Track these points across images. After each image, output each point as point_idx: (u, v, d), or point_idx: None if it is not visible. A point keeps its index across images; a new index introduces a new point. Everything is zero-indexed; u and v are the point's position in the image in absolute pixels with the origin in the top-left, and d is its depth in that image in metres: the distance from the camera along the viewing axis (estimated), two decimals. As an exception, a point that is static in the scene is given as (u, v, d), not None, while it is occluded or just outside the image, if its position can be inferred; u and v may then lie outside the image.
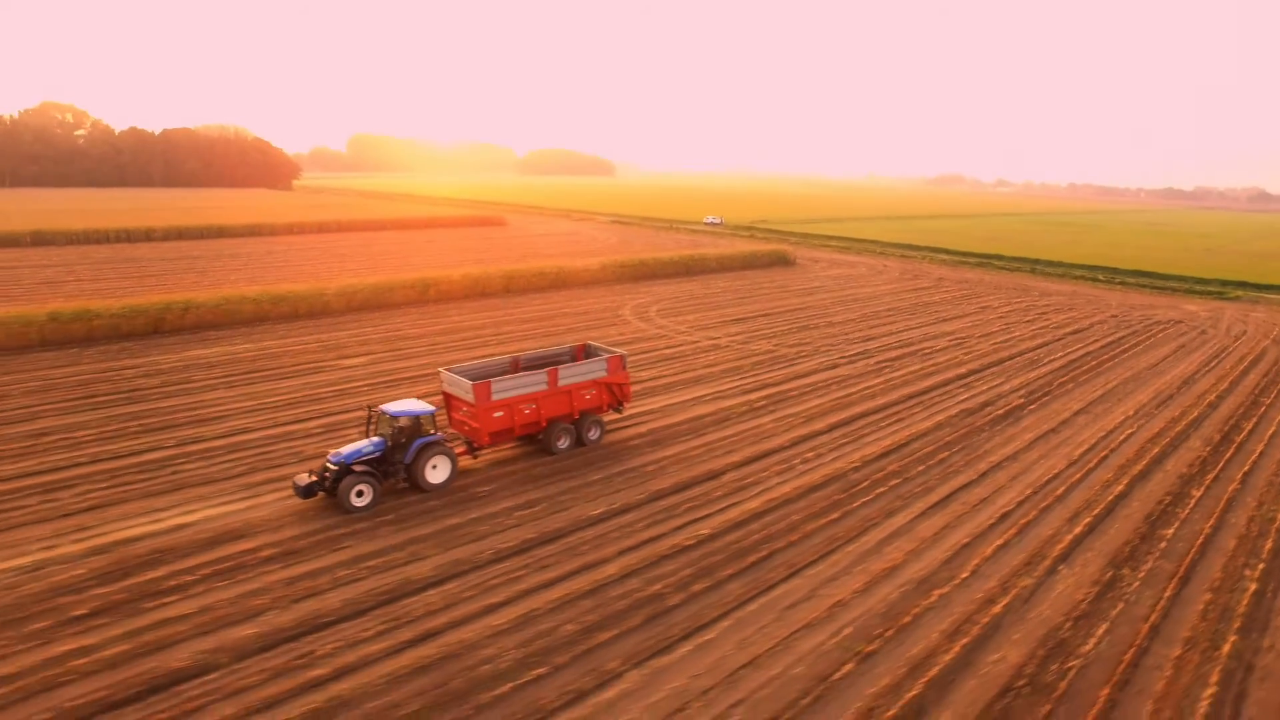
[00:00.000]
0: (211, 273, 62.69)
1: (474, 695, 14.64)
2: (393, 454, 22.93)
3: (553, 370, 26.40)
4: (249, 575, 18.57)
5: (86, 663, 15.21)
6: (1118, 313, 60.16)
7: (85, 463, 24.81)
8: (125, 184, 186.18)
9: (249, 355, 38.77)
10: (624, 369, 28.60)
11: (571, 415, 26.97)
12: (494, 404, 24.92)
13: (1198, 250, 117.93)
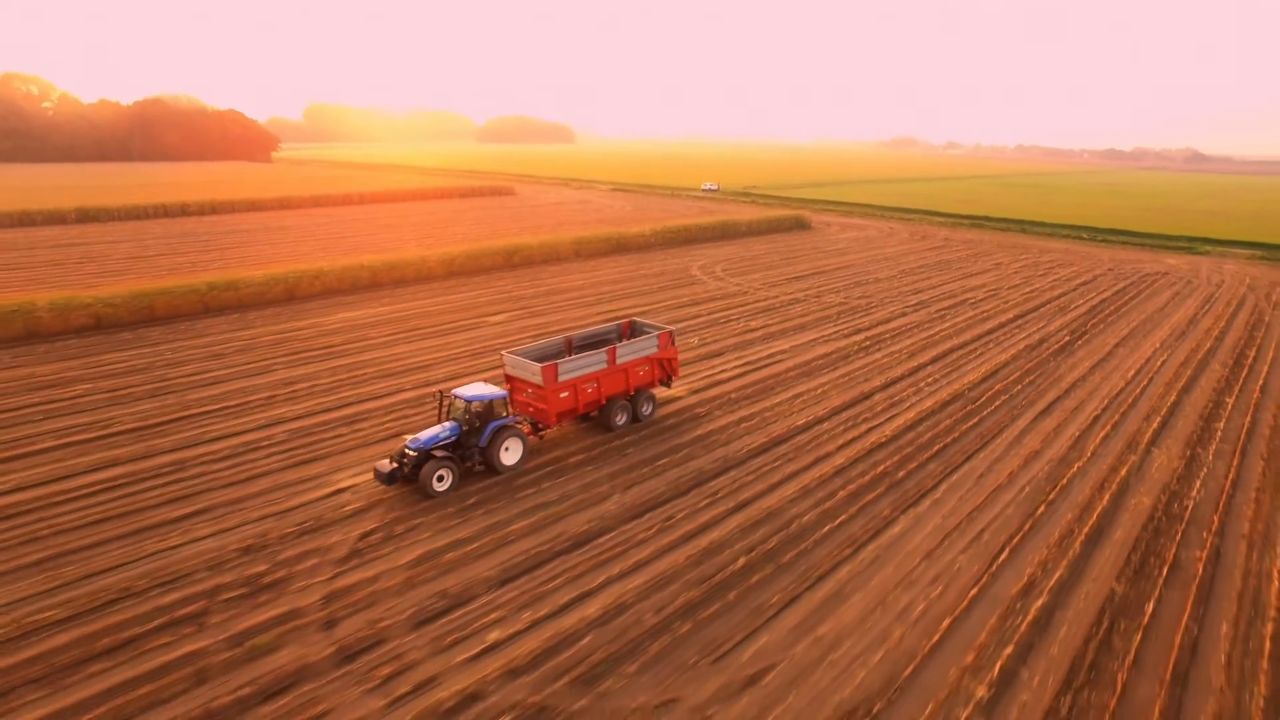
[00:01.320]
0: (279, 244, 66.89)
1: (792, 546, 21.25)
2: (468, 438, 23.32)
3: (612, 349, 27.29)
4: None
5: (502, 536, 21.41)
6: (1112, 267, 68.38)
7: (352, 403, 30.47)
8: (104, 158, 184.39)
9: (398, 315, 44.21)
10: (673, 344, 29.59)
11: (628, 392, 27.81)
12: (560, 385, 25.59)
13: (1156, 210, 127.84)
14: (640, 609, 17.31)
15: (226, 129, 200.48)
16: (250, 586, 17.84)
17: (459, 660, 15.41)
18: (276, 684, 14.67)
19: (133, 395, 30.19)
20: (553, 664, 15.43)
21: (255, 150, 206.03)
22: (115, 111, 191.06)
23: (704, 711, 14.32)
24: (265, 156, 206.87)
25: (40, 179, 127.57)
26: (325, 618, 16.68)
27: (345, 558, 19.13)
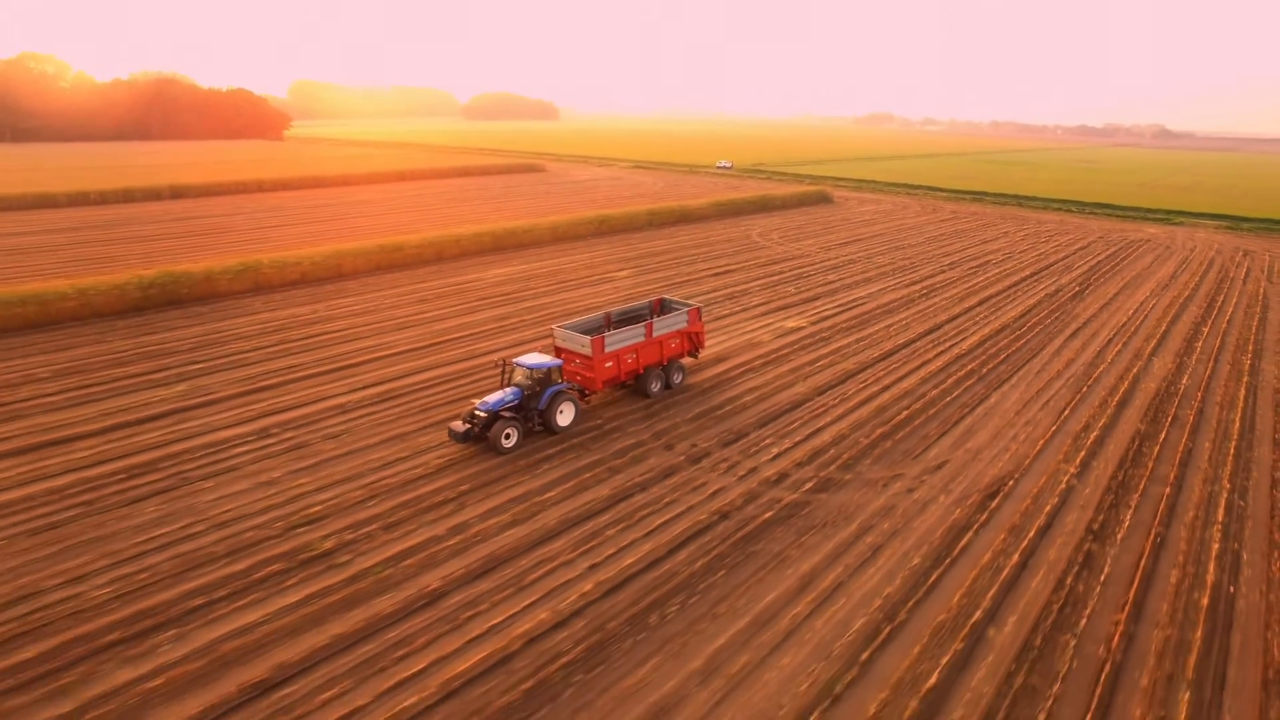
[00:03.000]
0: (376, 216, 75.97)
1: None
2: (528, 401, 26.34)
3: (649, 323, 30.32)
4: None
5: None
6: (1101, 235, 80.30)
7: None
8: (124, 138, 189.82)
9: (540, 272, 54.25)
10: (700, 320, 32.88)
11: (661, 362, 30.94)
12: (606, 355, 28.64)
13: (1132, 185, 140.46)
14: (856, 436, 28.37)
15: (241, 108, 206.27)
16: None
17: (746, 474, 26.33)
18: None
19: (362, 332, 40.25)
20: (822, 458, 26.39)
21: (268, 129, 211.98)
22: (130, 90, 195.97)
23: (915, 480, 25.42)
24: (278, 135, 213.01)
25: (90, 158, 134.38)
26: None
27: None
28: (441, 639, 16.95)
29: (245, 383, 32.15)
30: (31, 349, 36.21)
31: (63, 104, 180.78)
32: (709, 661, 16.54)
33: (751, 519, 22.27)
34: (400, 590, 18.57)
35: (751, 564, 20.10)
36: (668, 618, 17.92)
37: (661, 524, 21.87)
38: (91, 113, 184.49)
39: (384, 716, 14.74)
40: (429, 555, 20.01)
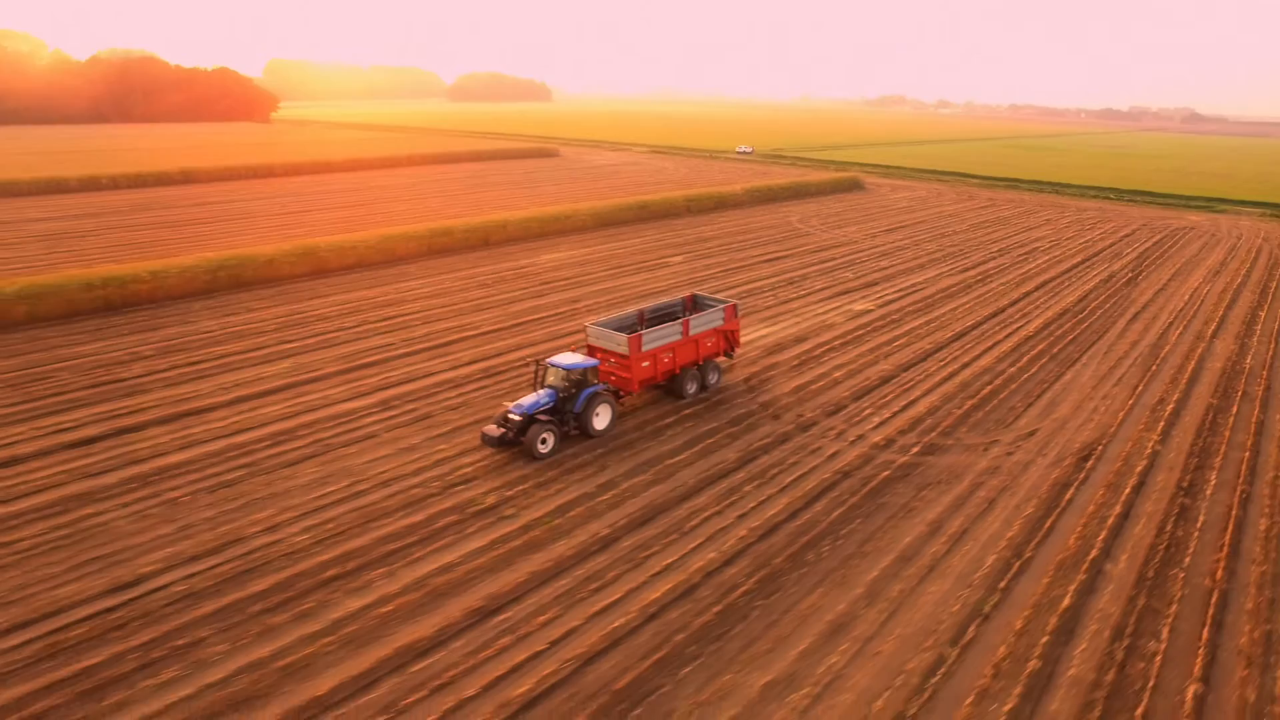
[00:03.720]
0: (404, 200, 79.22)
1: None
2: (563, 404, 26.56)
3: (686, 320, 30.68)
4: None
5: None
6: (1145, 223, 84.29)
7: None
8: (104, 119, 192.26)
9: (593, 257, 57.77)
10: (736, 317, 33.07)
11: (697, 361, 31.33)
12: (643, 354, 28.90)
13: (1166, 172, 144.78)
14: (948, 407, 32.03)
15: (226, 89, 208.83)
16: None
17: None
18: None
19: (440, 314, 43.67)
20: (921, 426, 30.00)
21: (253, 111, 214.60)
22: (110, 70, 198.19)
23: (1011, 445, 29.06)
24: (264, 117, 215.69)
25: (76, 141, 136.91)
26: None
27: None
28: (627, 574, 20.49)
29: (346, 360, 35.60)
30: (123, 329, 39.58)
31: (42, 84, 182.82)
32: (869, 589, 20.15)
33: (872, 477, 25.89)
34: (573, 537, 22.12)
35: (882, 514, 23.72)
36: (822, 556, 21.53)
37: (791, 481, 25.47)
38: (72, 93, 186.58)
39: (599, 634, 18.25)
40: (588, 508, 23.58)
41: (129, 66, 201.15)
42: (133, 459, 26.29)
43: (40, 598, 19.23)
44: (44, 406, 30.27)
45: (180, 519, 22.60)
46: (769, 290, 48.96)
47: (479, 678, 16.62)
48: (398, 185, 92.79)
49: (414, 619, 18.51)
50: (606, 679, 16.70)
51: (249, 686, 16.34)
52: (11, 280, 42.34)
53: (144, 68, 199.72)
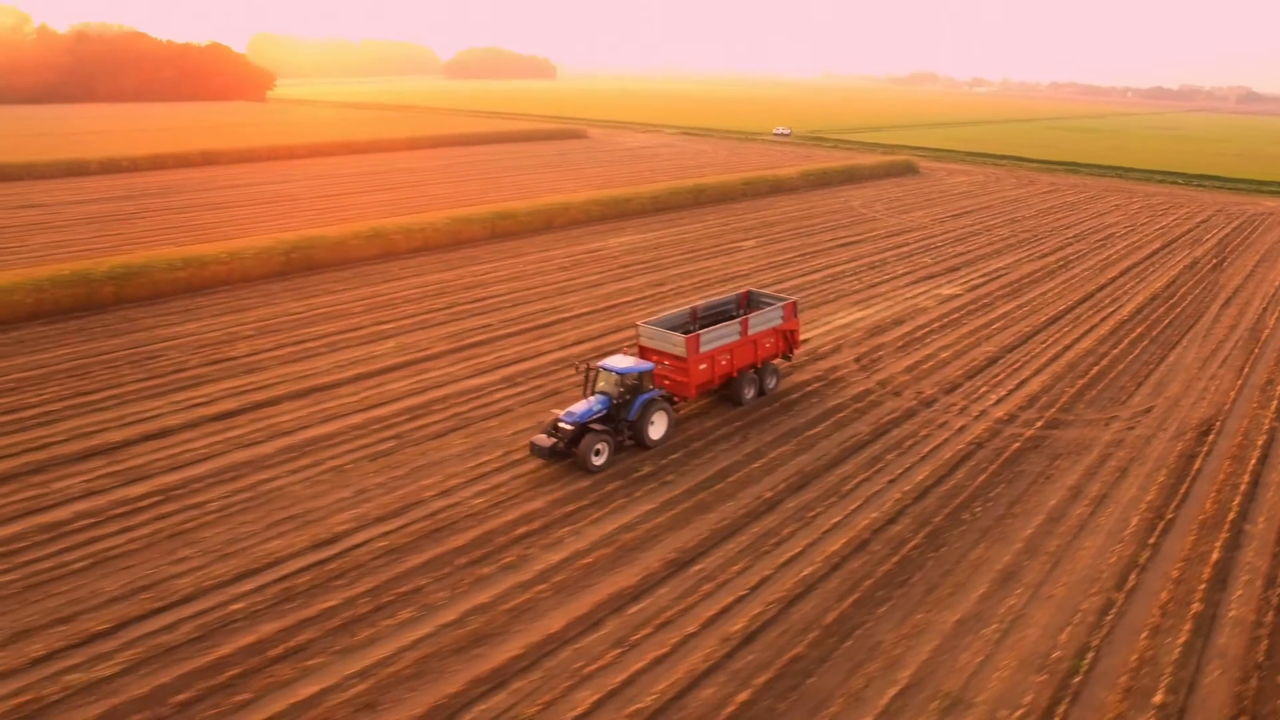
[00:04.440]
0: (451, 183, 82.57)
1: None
2: (617, 411, 26.42)
3: (745, 319, 30.63)
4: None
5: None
6: (1219, 209, 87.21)
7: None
8: (94, 99, 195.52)
9: (662, 241, 60.86)
10: (796, 316, 33.12)
11: (755, 364, 31.21)
12: (701, 356, 28.70)
13: (1229, 155, 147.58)
14: (1060, 386, 35.04)
15: (219, 66, 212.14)
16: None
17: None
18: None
19: (527, 296, 46.77)
20: (1039, 403, 33.08)
21: (249, 89, 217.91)
22: (100, 46, 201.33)
23: (1131, 420, 32.13)
24: (260, 96, 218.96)
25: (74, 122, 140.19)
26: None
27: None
28: (799, 532, 23.60)
29: (452, 340, 38.78)
30: (213, 310, 42.76)
31: (28, 60, 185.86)
32: (1028, 544, 23.24)
33: (1004, 448, 28.99)
34: (738, 500, 25.24)
35: (1023, 480, 26.82)
36: (977, 516, 24.62)
37: (929, 451, 28.56)
38: (60, 70, 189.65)
39: (792, 580, 21.34)
40: (745, 474, 26.71)
41: (117, 42, 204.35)
42: (279, 431, 29.43)
43: (253, 551, 22.36)
44: (171, 383, 33.43)
45: (352, 484, 25.72)
46: (851, 275, 52.03)
47: (694, 618, 19.74)
48: (429, 168, 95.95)
49: (615, 569, 21.63)
50: (811, 617, 19.81)
51: (482, 626, 19.43)
52: (101, 260, 45.50)
53: (133, 43, 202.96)
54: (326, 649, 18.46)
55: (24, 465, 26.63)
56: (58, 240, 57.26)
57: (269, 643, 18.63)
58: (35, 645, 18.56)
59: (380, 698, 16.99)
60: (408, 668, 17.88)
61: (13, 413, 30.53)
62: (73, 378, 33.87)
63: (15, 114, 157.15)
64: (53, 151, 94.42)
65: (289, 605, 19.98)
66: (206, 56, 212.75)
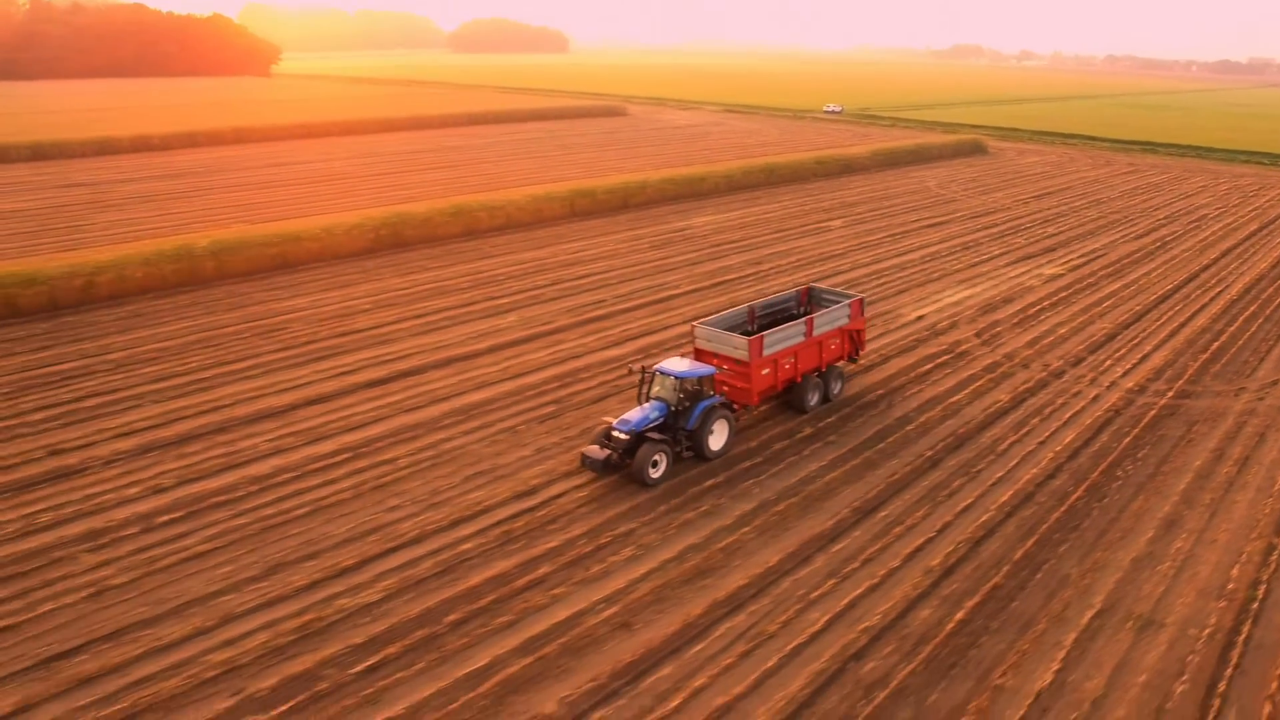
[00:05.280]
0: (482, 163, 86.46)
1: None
2: (675, 419, 26.43)
3: (810, 318, 30.80)
4: None
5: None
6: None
7: (821, 279, 51.40)
8: (97, 74, 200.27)
9: (749, 221, 64.64)
10: (862, 314, 33.30)
11: (820, 368, 31.33)
12: (764, 360, 28.70)
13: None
14: (1183, 360, 38.70)
15: (224, 39, 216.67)
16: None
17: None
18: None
19: (628, 274, 50.50)
20: (1165, 375, 36.70)
21: (254, 63, 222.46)
22: (95, 19, 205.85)
23: (1260, 391, 35.75)
24: (265, 71, 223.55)
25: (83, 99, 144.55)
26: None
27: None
28: (967, 485, 27.33)
29: (571, 314, 42.68)
30: (319, 284, 46.72)
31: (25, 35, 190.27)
32: (1183, 497, 26.94)
33: (1141, 416, 32.69)
34: (902, 458, 28.99)
35: (1165, 443, 30.51)
36: (1129, 473, 28.33)
37: (1070, 417, 32.27)
38: (59, 44, 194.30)
39: (973, 525, 25.06)
40: (901, 436, 30.52)
41: (115, 14, 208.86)
42: (435, 397, 33.30)
43: (458, 501, 26.16)
44: (308, 353, 37.40)
45: (529, 444, 29.54)
46: (948, 255, 55.79)
47: (894, 554, 23.51)
48: (473, 145, 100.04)
49: (806, 516, 25.43)
50: (1000, 554, 23.59)
51: (701, 562, 23.20)
52: (204, 234, 49.64)
53: (131, 15, 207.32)
54: (565, 580, 22.27)
55: (204, 426, 30.60)
56: (120, 219, 61.39)
57: (511, 575, 22.42)
58: (296, 576, 22.33)
59: (631, 619, 20.78)
60: (647, 595, 21.66)
61: (165, 380, 34.50)
62: (208, 348, 37.80)
63: (11, 91, 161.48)
64: (69, 130, 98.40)
65: (513, 546, 23.80)
66: (208, 29, 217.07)
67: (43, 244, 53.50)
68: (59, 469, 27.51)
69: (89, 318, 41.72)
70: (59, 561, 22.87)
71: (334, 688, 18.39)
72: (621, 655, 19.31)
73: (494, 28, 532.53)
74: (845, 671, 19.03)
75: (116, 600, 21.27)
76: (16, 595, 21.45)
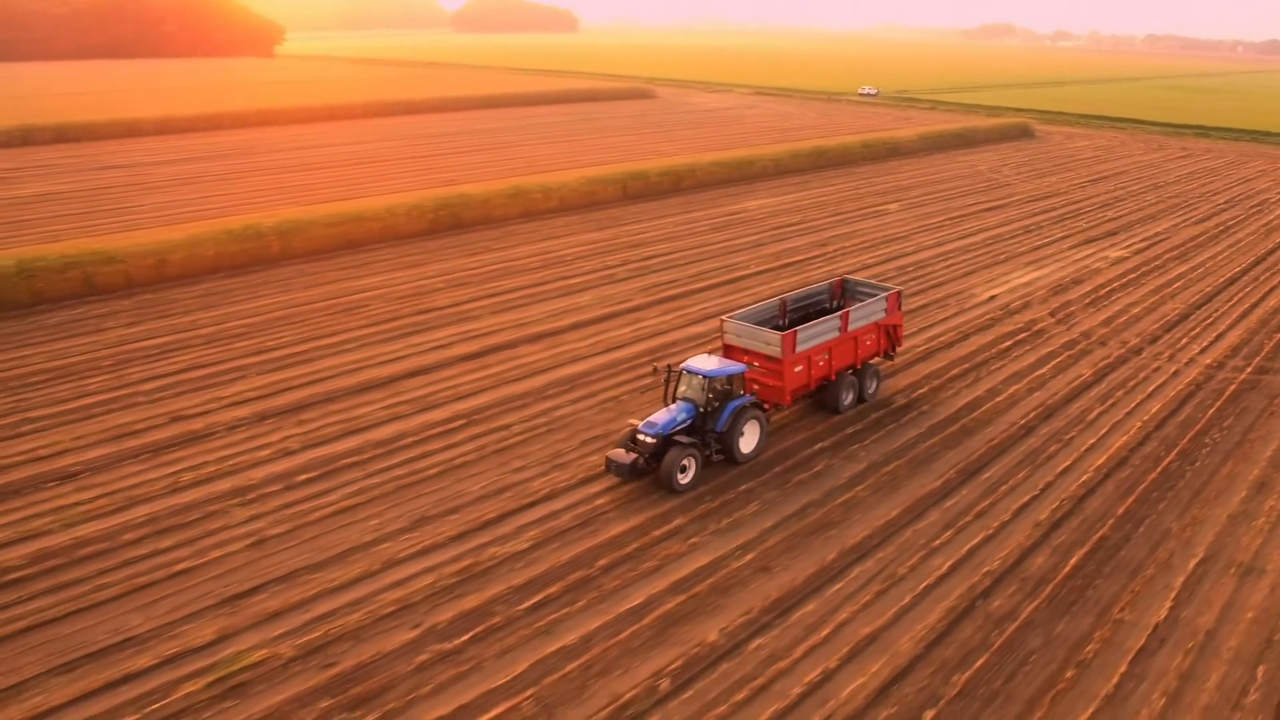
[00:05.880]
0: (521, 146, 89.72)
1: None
2: (703, 421, 26.46)
3: (845, 313, 30.78)
4: None
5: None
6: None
7: (891, 259, 54.36)
8: (94, 55, 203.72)
9: (804, 203, 67.63)
10: (899, 308, 33.38)
11: (854, 365, 31.43)
12: (797, 356, 28.73)
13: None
14: (1258, 339, 41.53)
15: (226, 18, 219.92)
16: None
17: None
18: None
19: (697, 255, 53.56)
20: (1242, 352, 39.56)
21: (256, 44, 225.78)
22: None
23: None
24: (269, 51, 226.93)
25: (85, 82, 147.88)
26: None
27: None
28: (1060, 452, 30.17)
29: (647, 293, 45.72)
30: (382, 264, 49.79)
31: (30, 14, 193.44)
32: (1271, 461, 29.76)
33: (1222, 389, 35.56)
34: (997, 425, 31.86)
35: (1249, 414, 33.35)
36: (1216, 441, 31.18)
37: (1153, 390, 35.11)
38: (57, 25, 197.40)
39: (1073, 485, 27.89)
40: (992, 406, 33.45)
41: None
42: (534, 370, 36.22)
43: (581, 463, 28.85)
44: (395, 329, 40.39)
45: (635, 412, 32.01)
46: (1010, 238, 58.78)
47: (1003, 509, 26.37)
48: (504, 128, 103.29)
49: (915, 476, 28.39)
50: (1103, 510, 26.52)
51: (823, 516, 25.98)
52: (271, 214, 52.79)
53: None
54: (699, 531, 25.23)
55: (313, 396, 33.59)
56: (166, 201, 64.52)
57: (647, 526, 25.35)
58: (444, 528, 25.21)
59: (769, 564, 23.76)
60: (779, 543, 24.63)
61: (261, 354, 37.50)
62: (294, 324, 40.88)
63: (11, 73, 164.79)
64: (86, 112, 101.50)
65: (644, 501, 26.71)
66: (210, 8, 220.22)
67: (97, 225, 56.49)
68: (186, 434, 30.42)
69: (167, 295, 44.70)
70: (213, 515, 25.71)
71: (506, 621, 21.27)
72: (768, 593, 22.27)
73: (499, 6, 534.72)
74: (975, 608, 21.90)
75: (279, 549, 24.11)
76: (183, 544, 24.28)
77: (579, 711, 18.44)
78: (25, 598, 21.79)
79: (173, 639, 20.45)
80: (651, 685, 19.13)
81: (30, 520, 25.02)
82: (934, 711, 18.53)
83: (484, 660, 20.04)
